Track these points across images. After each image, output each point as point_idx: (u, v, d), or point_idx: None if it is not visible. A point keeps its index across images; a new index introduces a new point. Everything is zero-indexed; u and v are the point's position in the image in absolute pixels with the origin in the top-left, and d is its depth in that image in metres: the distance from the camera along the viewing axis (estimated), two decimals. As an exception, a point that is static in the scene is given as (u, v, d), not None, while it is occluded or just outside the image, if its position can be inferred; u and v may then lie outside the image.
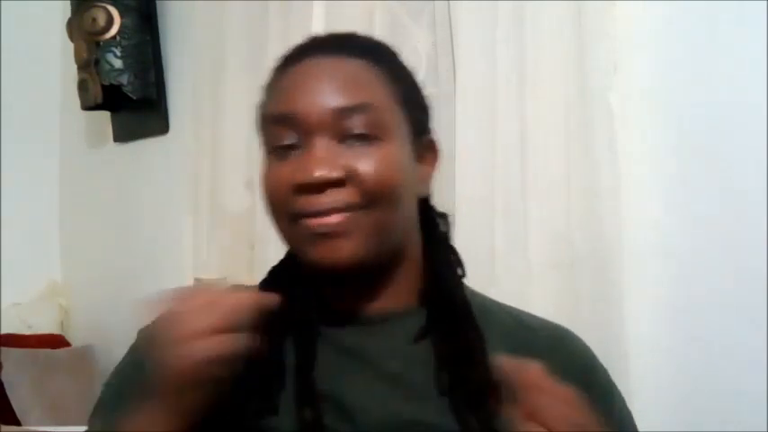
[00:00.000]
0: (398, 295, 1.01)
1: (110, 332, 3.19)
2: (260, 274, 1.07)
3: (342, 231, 0.94)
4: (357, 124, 0.95)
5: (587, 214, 1.73)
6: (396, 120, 0.98)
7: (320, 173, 0.93)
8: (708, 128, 1.68)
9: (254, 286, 1.07)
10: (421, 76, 2.10)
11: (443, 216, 1.07)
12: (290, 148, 0.96)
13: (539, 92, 1.80)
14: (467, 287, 1.05)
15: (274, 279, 1.05)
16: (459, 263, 1.05)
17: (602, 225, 1.72)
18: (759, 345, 1.57)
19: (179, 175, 2.88)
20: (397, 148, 0.97)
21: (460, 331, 0.99)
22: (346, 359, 0.99)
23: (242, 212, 2.54)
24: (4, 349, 2.97)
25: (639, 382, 1.66)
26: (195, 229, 2.70)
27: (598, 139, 1.73)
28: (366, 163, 0.94)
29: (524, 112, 1.80)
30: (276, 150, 0.97)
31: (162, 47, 3.11)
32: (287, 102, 0.97)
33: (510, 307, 1.08)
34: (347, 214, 0.94)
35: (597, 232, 1.72)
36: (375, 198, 0.94)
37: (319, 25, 2.30)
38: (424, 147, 1.03)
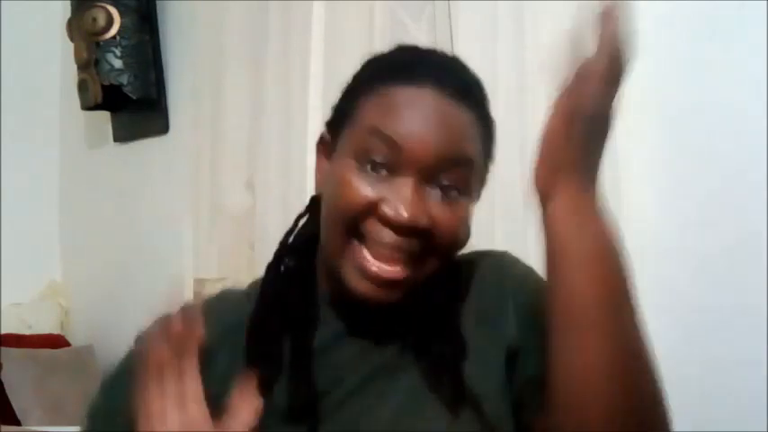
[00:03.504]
0: None
1: (110, 332, 3.19)
2: (260, 273, 1.07)
3: (396, 284, 0.95)
4: (454, 177, 0.95)
5: (587, 214, 1.73)
6: (482, 178, 1.00)
7: (413, 219, 0.93)
8: (707, 128, 1.68)
9: (256, 281, 1.07)
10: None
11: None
12: (380, 166, 0.95)
13: (539, 92, 1.80)
14: None
15: (274, 277, 1.05)
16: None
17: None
18: (759, 345, 1.58)
19: (179, 175, 2.88)
20: (473, 206, 0.99)
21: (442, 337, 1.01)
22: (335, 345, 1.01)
23: (242, 212, 2.54)
24: (4, 349, 2.97)
25: (639, 382, 1.66)
26: (195, 229, 2.70)
27: (598, 140, 1.72)
28: (447, 218, 0.95)
29: (524, 112, 1.80)
30: (366, 161, 0.96)
31: (162, 47, 3.11)
32: (401, 125, 0.95)
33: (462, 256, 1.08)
34: (407, 267, 0.94)
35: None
36: (440, 252, 0.96)
37: (319, 25, 2.30)
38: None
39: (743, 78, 1.63)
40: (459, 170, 0.96)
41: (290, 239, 1.05)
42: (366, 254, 0.94)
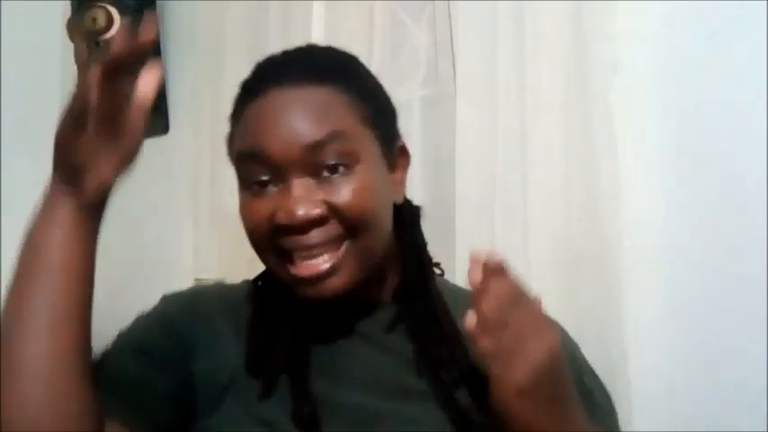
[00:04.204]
0: (372, 293, 1.03)
1: (110, 332, 3.18)
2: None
3: (331, 271, 0.95)
4: (329, 155, 0.96)
5: (587, 214, 1.73)
6: (366, 141, 1.00)
7: (301, 213, 0.95)
8: (708, 128, 1.68)
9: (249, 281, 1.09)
10: (421, 76, 2.11)
11: (414, 212, 1.08)
12: (265, 183, 0.97)
13: (539, 92, 1.80)
14: (444, 281, 1.07)
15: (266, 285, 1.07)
16: (428, 260, 1.07)
17: (602, 225, 1.72)
18: (759, 345, 1.58)
19: (179, 175, 2.88)
20: (371, 170, 0.99)
21: (433, 322, 1.01)
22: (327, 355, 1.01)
23: (242, 212, 2.53)
24: (5, 349, 2.97)
25: (639, 381, 1.66)
26: (195, 229, 2.70)
27: (598, 140, 1.72)
28: (343, 194, 0.96)
29: (524, 112, 1.80)
30: (251, 185, 0.98)
31: (162, 47, 3.10)
32: (256, 139, 0.97)
33: None
34: (334, 252, 0.95)
35: (597, 232, 1.72)
36: (357, 227, 0.96)
37: (319, 25, 2.30)
38: (396, 155, 1.04)
39: (743, 78, 1.63)
40: (334, 145, 0.97)
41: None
42: (293, 265, 0.96)
